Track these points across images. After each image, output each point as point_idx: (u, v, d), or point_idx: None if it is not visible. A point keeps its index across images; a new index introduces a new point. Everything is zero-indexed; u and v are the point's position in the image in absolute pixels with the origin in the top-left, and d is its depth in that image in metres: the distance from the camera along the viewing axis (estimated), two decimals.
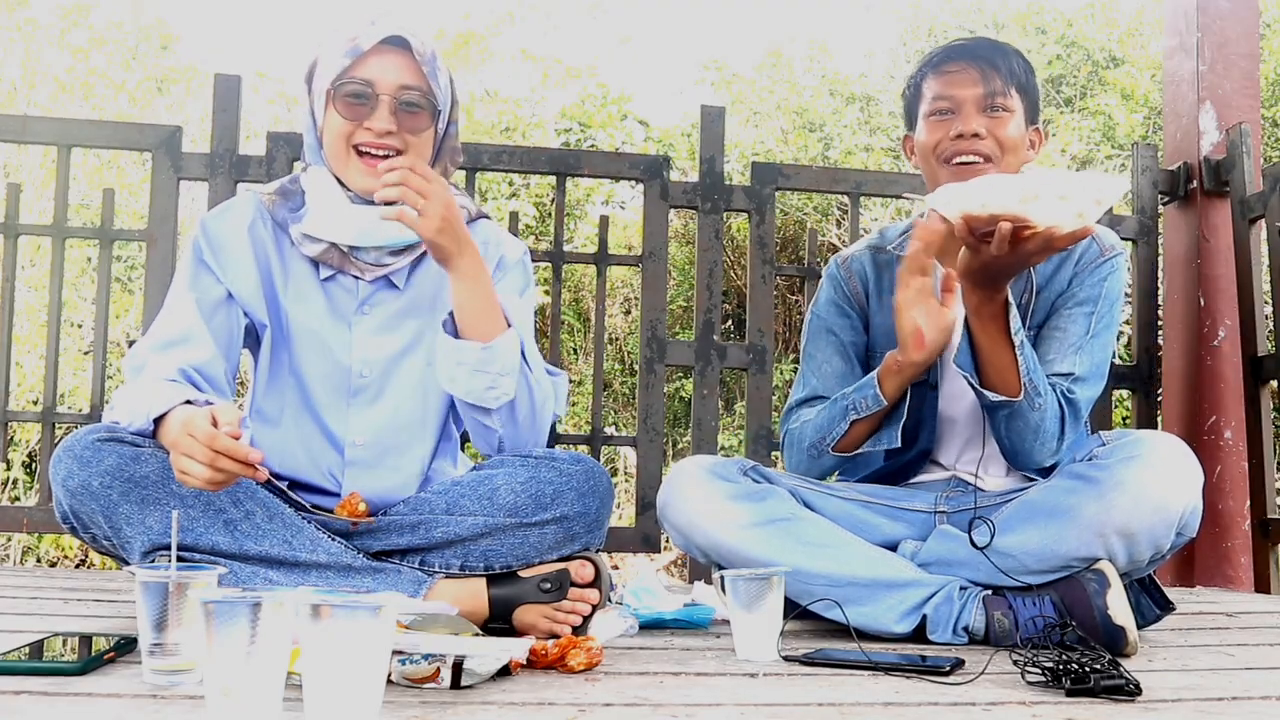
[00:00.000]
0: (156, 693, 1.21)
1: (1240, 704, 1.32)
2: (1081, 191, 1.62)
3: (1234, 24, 3.26)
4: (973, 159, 1.93)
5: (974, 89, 1.93)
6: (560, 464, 1.74)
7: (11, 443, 5.23)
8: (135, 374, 1.72)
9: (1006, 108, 1.93)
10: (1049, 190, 1.62)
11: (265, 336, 1.82)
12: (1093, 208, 1.62)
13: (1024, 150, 1.97)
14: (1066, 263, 1.97)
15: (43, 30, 7.65)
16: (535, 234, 7.18)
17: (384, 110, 1.72)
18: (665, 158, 3.12)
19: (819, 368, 2.11)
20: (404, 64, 1.73)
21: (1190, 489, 1.73)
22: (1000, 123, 1.93)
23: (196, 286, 1.79)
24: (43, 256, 5.80)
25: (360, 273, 1.80)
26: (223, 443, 1.43)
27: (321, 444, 1.81)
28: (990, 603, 1.76)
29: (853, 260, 2.14)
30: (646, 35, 13.53)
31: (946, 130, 1.95)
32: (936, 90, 1.97)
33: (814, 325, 2.15)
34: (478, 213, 1.91)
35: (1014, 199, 1.63)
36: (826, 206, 7.24)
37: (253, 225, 1.82)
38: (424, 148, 1.78)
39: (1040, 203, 1.62)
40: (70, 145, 2.93)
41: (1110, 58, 8.14)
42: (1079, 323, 1.93)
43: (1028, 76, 1.98)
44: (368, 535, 1.75)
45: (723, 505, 1.86)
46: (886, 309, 2.05)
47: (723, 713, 1.21)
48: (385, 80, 1.72)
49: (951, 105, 1.95)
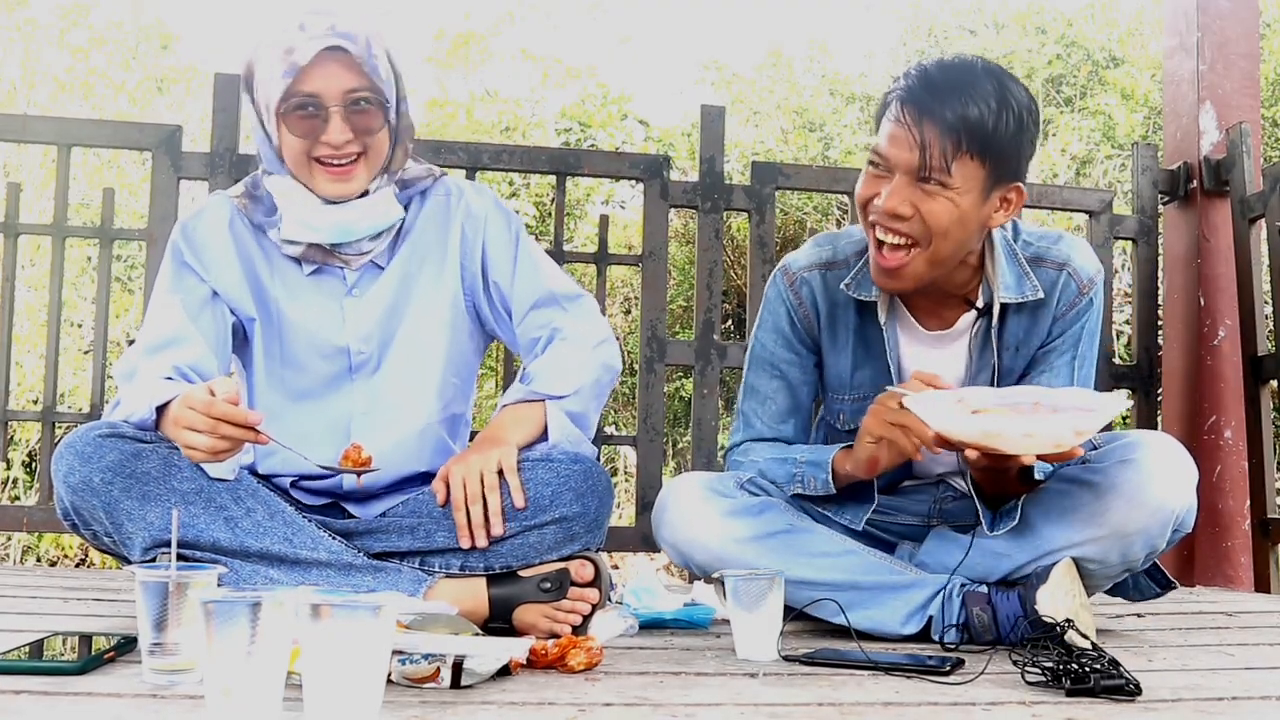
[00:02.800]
0: (156, 692, 1.21)
1: (1240, 704, 1.32)
2: (1050, 429, 1.53)
3: (1234, 24, 3.26)
4: (894, 240, 1.71)
5: (909, 154, 1.67)
6: (559, 464, 1.74)
7: (11, 442, 5.23)
8: (126, 380, 1.72)
9: (943, 184, 1.66)
10: (1012, 429, 1.53)
11: (255, 331, 1.82)
12: (1072, 438, 1.54)
13: (983, 220, 1.73)
14: (1043, 313, 1.84)
15: (42, 30, 7.65)
16: (535, 234, 7.18)
17: (336, 121, 1.70)
18: (665, 157, 3.12)
19: (762, 404, 1.97)
20: (345, 68, 1.70)
21: (1185, 488, 1.73)
22: (931, 200, 1.67)
23: (180, 288, 1.79)
24: (43, 256, 5.79)
25: (345, 264, 1.81)
26: (220, 408, 1.45)
27: (325, 425, 1.80)
28: (970, 598, 1.75)
29: (802, 283, 1.92)
30: (646, 35, 13.53)
31: (875, 192, 1.72)
32: (880, 140, 1.72)
33: (757, 355, 1.97)
34: (439, 173, 1.90)
35: (975, 432, 1.54)
36: (826, 206, 7.24)
37: (231, 223, 1.83)
38: (382, 142, 1.77)
39: (1002, 439, 1.54)
40: (70, 145, 2.93)
41: (1110, 58, 8.14)
42: (1062, 374, 1.86)
43: (998, 128, 1.66)
44: (368, 536, 1.75)
45: (721, 521, 1.83)
46: (840, 346, 1.92)
47: (723, 713, 1.21)
48: (331, 90, 1.70)
49: (885, 165, 1.71)
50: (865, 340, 1.91)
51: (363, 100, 1.72)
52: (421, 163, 1.90)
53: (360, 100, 1.72)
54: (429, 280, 1.85)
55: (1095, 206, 3.25)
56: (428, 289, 1.85)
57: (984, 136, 1.66)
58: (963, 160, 1.66)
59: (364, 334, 1.82)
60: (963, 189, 1.68)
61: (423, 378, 1.85)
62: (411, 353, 1.84)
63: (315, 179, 1.75)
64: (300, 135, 1.71)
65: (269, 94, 1.71)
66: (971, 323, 1.86)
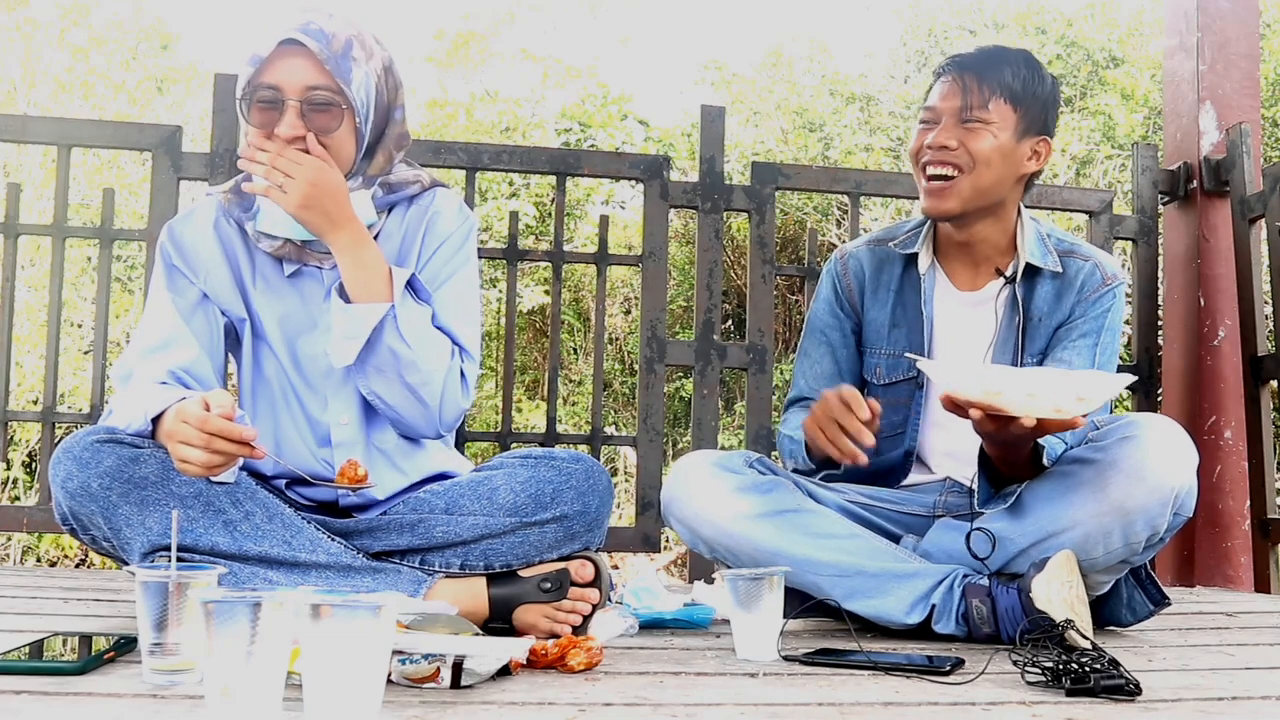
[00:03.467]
0: (156, 692, 1.21)
1: (1240, 704, 1.32)
2: (1053, 390, 1.62)
3: (1234, 24, 3.26)
4: (942, 169, 1.95)
5: (953, 101, 1.95)
6: (560, 463, 1.74)
7: (11, 443, 5.23)
8: (123, 382, 1.72)
9: (983, 120, 1.94)
10: (1014, 388, 1.62)
11: (245, 332, 1.82)
12: (1074, 404, 1.62)
13: (1017, 162, 1.97)
14: (1067, 290, 1.99)
15: (43, 30, 7.65)
16: (535, 234, 7.18)
17: (290, 115, 1.69)
18: (665, 158, 3.12)
19: (811, 368, 2.15)
20: (307, 64, 1.69)
21: (1186, 467, 1.75)
22: (974, 135, 1.94)
23: (172, 289, 1.79)
24: (43, 256, 5.80)
25: (320, 263, 1.80)
26: (215, 423, 1.45)
27: (308, 428, 1.81)
28: (971, 590, 1.77)
29: (850, 257, 2.15)
30: (646, 35, 13.54)
31: (925, 139, 1.98)
32: (927, 100, 2.01)
33: (810, 323, 2.19)
34: (431, 182, 1.88)
35: (978, 391, 1.65)
36: (826, 206, 7.25)
37: (217, 224, 1.83)
38: (340, 145, 1.74)
39: (1004, 398, 1.63)
40: (70, 145, 2.93)
41: (1110, 58, 8.14)
42: (1083, 355, 1.96)
43: (1029, 86, 1.96)
44: (367, 535, 1.75)
45: (729, 497, 1.87)
46: (880, 303, 2.09)
47: (723, 713, 1.21)
48: (290, 83, 1.69)
49: (933, 116, 1.98)
50: (903, 300, 2.08)
51: (322, 97, 1.70)
52: (415, 168, 1.89)
53: (320, 97, 1.70)
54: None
55: (1095, 206, 3.25)
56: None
57: (1015, 88, 1.95)
58: (997, 102, 1.94)
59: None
60: (999, 126, 1.94)
61: None
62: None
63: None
64: (257, 125, 1.71)
65: (240, 83, 1.72)
66: (1000, 288, 2.02)
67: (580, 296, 7.46)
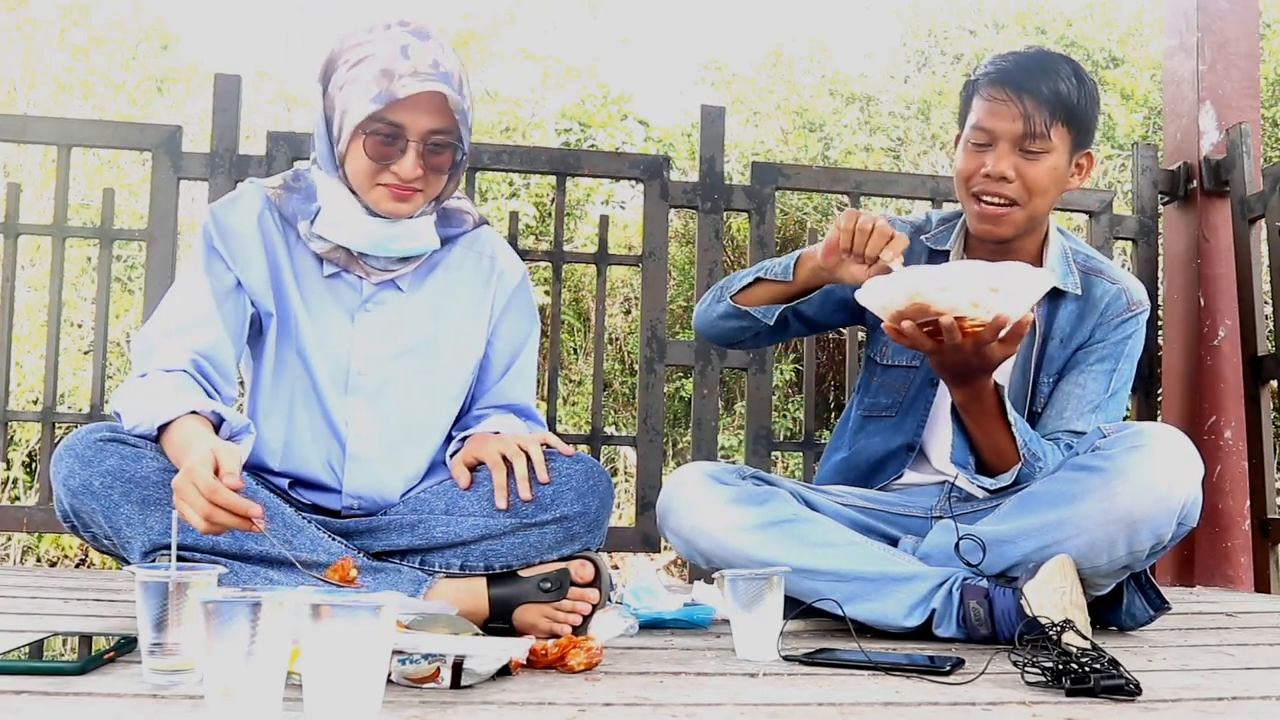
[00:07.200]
0: (156, 693, 1.21)
1: (1240, 704, 1.32)
2: (965, 281, 1.61)
3: (1234, 24, 3.26)
4: (997, 200, 1.90)
5: (1012, 125, 1.87)
6: (560, 463, 1.74)
7: (11, 442, 5.23)
8: (142, 358, 1.71)
9: (1044, 149, 1.87)
10: (930, 283, 1.61)
11: (270, 327, 1.81)
12: (989, 297, 1.60)
13: (1065, 181, 1.94)
14: (1090, 312, 1.97)
15: (43, 30, 7.65)
16: (535, 234, 7.18)
17: (412, 156, 1.70)
18: (665, 158, 3.12)
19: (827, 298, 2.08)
20: (437, 109, 1.70)
21: (1192, 478, 1.74)
22: (1033, 164, 1.88)
23: (210, 272, 1.78)
24: (43, 256, 5.79)
25: (365, 274, 1.80)
26: (223, 497, 1.42)
27: (325, 434, 1.80)
28: (969, 591, 1.76)
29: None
30: (646, 35, 13.51)
31: (980, 163, 1.90)
32: (978, 117, 1.91)
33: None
34: (480, 219, 1.92)
35: (901, 297, 1.63)
36: (826, 206, 7.24)
37: (261, 217, 1.81)
38: (443, 179, 1.79)
39: (925, 295, 1.61)
40: (70, 145, 2.93)
41: (1110, 58, 8.14)
42: (1100, 380, 1.95)
43: (1080, 100, 1.89)
44: (368, 535, 1.75)
45: (725, 509, 1.86)
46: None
47: (723, 713, 1.21)
48: (416, 126, 1.69)
49: (988, 139, 1.89)
50: None
51: (442, 142, 1.72)
52: (465, 199, 1.92)
53: (440, 142, 1.72)
54: (457, 322, 1.86)
55: (1095, 206, 3.25)
56: (454, 330, 1.86)
57: (1070, 106, 1.88)
58: (1057, 127, 1.88)
59: (368, 353, 1.81)
60: (1057, 153, 1.89)
61: (422, 424, 1.85)
62: (414, 394, 1.83)
63: (373, 196, 1.74)
64: (373, 159, 1.71)
65: (353, 107, 1.69)
66: None
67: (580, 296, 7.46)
